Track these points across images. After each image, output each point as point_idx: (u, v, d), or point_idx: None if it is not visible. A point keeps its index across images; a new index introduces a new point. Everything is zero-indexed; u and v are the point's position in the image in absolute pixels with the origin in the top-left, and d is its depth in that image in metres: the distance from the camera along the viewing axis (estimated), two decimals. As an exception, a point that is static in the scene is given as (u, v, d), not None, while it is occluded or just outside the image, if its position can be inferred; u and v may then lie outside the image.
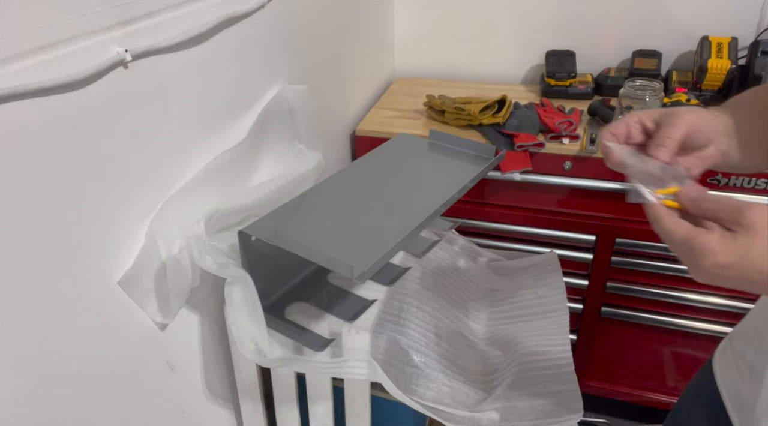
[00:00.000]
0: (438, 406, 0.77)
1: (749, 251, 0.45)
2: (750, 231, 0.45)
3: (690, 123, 0.58)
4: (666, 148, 0.57)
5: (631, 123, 0.60)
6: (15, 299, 0.57)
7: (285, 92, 0.98)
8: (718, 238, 0.46)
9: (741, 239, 0.46)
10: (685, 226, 0.49)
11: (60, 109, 0.58)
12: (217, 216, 0.80)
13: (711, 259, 0.46)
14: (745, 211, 0.46)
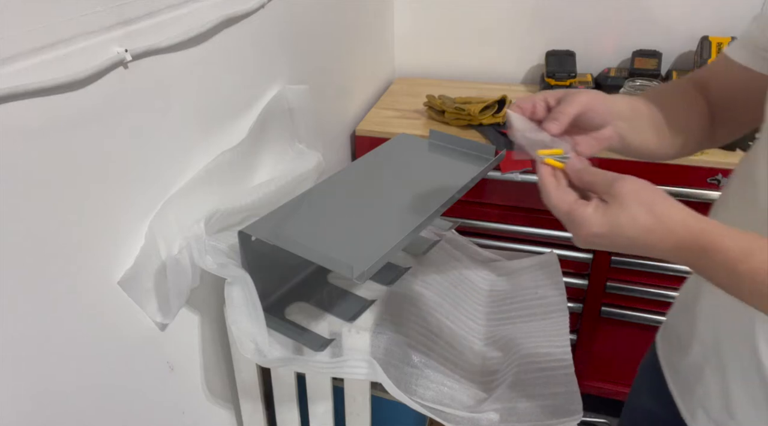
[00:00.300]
0: (438, 406, 0.77)
1: (618, 220, 0.50)
2: (619, 201, 0.50)
3: (585, 102, 0.62)
4: (558, 121, 0.61)
5: (537, 100, 0.64)
6: (15, 299, 0.57)
7: (285, 92, 0.98)
8: (592, 210, 0.52)
9: (611, 210, 0.51)
10: (568, 199, 0.54)
11: (60, 109, 0.58)
12: (217, 216, 0.80)
13: (586, 229, 0.52)
14: (616, 183, 0.51)
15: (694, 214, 0.49)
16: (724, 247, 0.47)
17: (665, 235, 0.49)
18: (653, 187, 0.51)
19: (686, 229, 0.48)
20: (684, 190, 1.29)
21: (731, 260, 0.47)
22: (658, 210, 0.49)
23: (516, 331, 0.92)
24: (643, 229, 0.49)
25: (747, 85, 0.69)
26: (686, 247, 0.48)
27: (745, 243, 0.46)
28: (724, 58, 0.72)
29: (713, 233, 0.47)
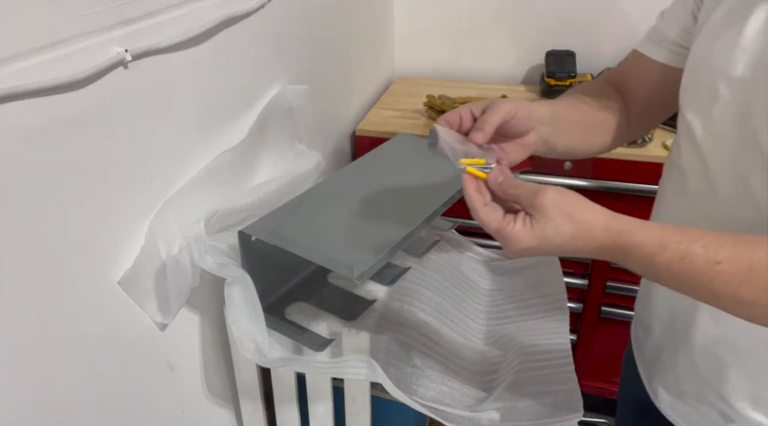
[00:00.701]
0: (438, 406, 0.77)
1: (545, 233, 0.53)
2: (542, 213, 0.53)
3: (507, 110, 0.65)
4: (482, 131, 0.63)
5: (463, 112, 0.66)
6: (15, 299, 0.57)
7: (285, 92, 0.98)
8: (520, 226, 0.54)
9: (538, 224, 0.53)
10: (497, 216, 0.56)
11: (60, 109, 0.58)
12: (217, 216, 0.80)
13: (516, 245, 0.54)
14: (537, 197, 0.53)
15: (612, 215, 0.53)
16: (640, 242, 0.50)
17: (589, 239, 0.52)
18: (572, 195, 0.54)
19: (606, 232, 0.51)
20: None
21: (648, 254, 0.50)
22: (578, 217, 0.52)
23: (516, 331, 0.92)
24: (569, 236, 0.52)
25: (661, 80, 0.72)
26: (608, 247, 0.52)
27: (659, 236, 0.50)
28: (638, 56, 0.75)
29: (630, 232, 0.51)
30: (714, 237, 0.49)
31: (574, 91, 0.80)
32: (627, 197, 1.32)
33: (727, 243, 0.48)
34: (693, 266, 0.48)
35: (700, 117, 0.63)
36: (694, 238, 0.49)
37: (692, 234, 0.49)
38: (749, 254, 0.47)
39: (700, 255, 0.48)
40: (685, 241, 0.49)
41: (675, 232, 0.50)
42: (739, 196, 0.59)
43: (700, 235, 0.49)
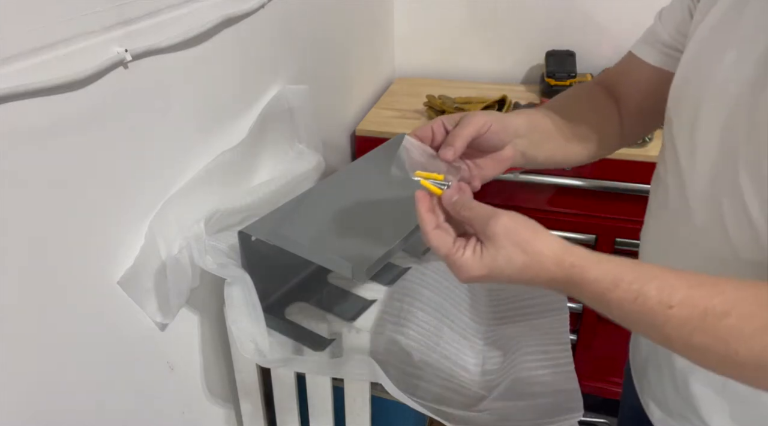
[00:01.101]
0: (438, 406, 0.77)
1: (496, 262, 0.51)
2: (493, 242, 0.51)
3: (480, 124, 0.62)
4: (452, 147, 0.61)
5: (435, 126, 0.63)
6: (14, 299, 0.57)
7: (285, 92, 0.98)
8: (470, 254, 0.52)
9: (488, 253, 0.51)
10: (447, 241, 0.53)
11: (60, 109, 0.58)
12: (217, 216, 0.80)
13: (465, 274, 0.52)
14: (489, 223, 0.51)
15: (566, 247, 0.50)
16: (592, 278, 0.48)
17: (539, 271, 0.50)
18: (526, 223, 0.52)
19: (557, 266, 0.49)
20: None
21: (600, 291, 0.47)
22: (530, 248, 0.50)
23: (516, 331, 0.92)
24: (519, 267, 0.50)
25: (656, 84, 0.69)
26: (560, 281, 0.50)
27: (613, 273, 0.47)
28: (632, 57, 0.72)
29: (583, 267, 0.48)
30: (670, 278, 0.46)
31: (561, 96, 0.78)
32: (627, 197, 1.32)
33: (683, 286, 0.46)
34: (645, 307, 0.46)
35: (683, 132, 0.61)
36: (648, 278, 0.46)
37: (647, 273, 0.47)
38: (704, 300, 0.45)
39: (653, 297, 0.46)
40: (639, 280, 0.46)
41: (630, 269, 0.47)
42: (712, 222, 0.57)
43: (655, 274, 0.47)
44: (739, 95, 0.54)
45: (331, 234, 0.76)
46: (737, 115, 0.54)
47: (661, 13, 0.71)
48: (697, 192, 0.59)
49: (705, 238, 0.58)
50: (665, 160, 0.65)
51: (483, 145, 0.64)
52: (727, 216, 0.55)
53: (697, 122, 0.58)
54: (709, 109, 0.57)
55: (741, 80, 0.53)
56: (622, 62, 0.76)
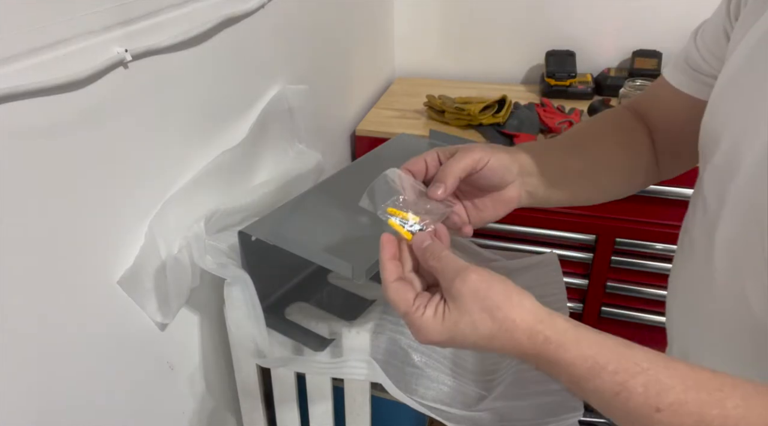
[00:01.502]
0: (438, 406, 0.77)
1: (458, 328, 0.45)
2: (458, 305, 0.45)
3: (475, 160, 0.54)
4: (442, 184, 0.53)
5: (429, 159, 0.55)
6: (15, 299, 0.57)
7: (285, 92, 0.98)
8: (430, 316, 0.46)
9: (450, 316, 0.45)
10: (405, 298, 0.47)
11: (60, 109, 0.58)
12: (217, 216, 0.80)
13: (424, 336, 0.46)
14: (456, 282, 0.45)
15: (540, 317, 0.43)
16: (569, 360, 0.41)
17: (508, 342, 0.44)
18: (498, 285, 0.45)
19: (529, 339, 0.43)
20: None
21: (577, 376, 0.41)
22: (500, 315, 0.43)
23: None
24: (485, 336, 0.44)
25: (690, 113, 0.59)
26: (531, 356, 0.43)
27: (593, 358, 0.40)
28: (664, 83, 0.64)
29: (558, 344, 0.42)
30: (662, 373, 0.39)
31: (585, 124, 0.68)
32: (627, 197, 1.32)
33: (676, 385, 0.38)
34: (628, 406, 0.39)
35: (713, 179, 0.52)
36: (635, 371, 0.39)
37: (635, 364, 0.39)
38: (699, 408, 0.37)
39: (638, 395, 0.38)
40: (624, 372, 0.39)
41: (615, 355, 0.40)
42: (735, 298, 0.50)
43: (644, 366, 0.39)
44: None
45: (330, 234, 0.76)
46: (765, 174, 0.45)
47: (697, 32, 0.62)
48: (721, 257, 0.51)
49: (727, 309, 0.52)
50: (695, 206, 0.57)
51: (481, 183, 0.56)
52: (750, 296, 0.48)
53: (728, 172, 0.49)
54: (740, 162, 0.48)
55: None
56: (653, 87, 0.68)
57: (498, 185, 0.57)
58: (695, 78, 0.60)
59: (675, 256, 0.64)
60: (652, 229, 1.34)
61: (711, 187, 0.53)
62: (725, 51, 0.54)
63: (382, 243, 0.50)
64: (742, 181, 0.48)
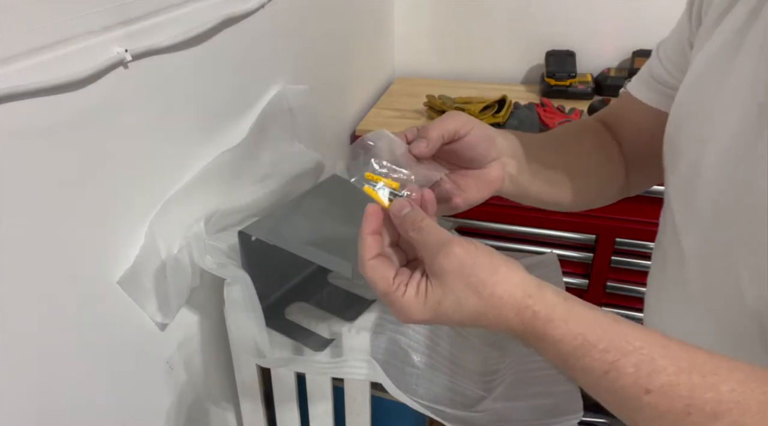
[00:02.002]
0: (438, 406, 0.77)
1: (442, 307, 0.42)
2: (441, 282, 0.42)
3: (461, 122, 0.52)
4: (425, 140, 0.50)
5: (409, 133, 0.53)
6: (14, 299, 0.57)
7: (285, 92, 0.98)
8: (412, 295, 0.43)
9: (433, 295, 0.42)
10: (384, 276, 0.44)
11: (60, 109, 0.58)
12: (217, 216, 0.80)
13: (405, 316, 0.43)
14: (438, 257, 0.42)
15: (528, 291, 0.41)
16: (557, 337, 0.39)
17: (495, 319, 0.41)
18: (484, 258, 0.42)
19: (517, 315, 0.40)
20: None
21: (564, 353, 0.39)
22: (486, 292, 0.41)
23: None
24: (471, 314, 0.41)
25: (656, 127, 0.58)
26: (519, 331, 0.41)
27: (582, 335, 0.38)
28: (629, 97, 0.63)
29: (546, 319, 0.40)
30: (656, 352, 0.37)
31: (561, 129, 0.67)
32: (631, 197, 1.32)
33: (668, 366, 0.36)
34: (616, 385, 0.37)
35: (679, 192, 0.52)
36: (627, 350, 0.37)
37: (627, 343, 0.37)
38: (690, 390, 0.35)
39: (628, 375, 0.37)
40: (615, 350, 0.37)
41: (606, 332, 0.38)
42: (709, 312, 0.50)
43: (636, 345, 0.37)
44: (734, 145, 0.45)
45: (331, 234, 0.76)
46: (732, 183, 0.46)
47: (659, 45, 0.62)
48: (694, 270, 0.51)
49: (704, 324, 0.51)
50: (665, 225, 0.56)
51: (464, 154, 0.53)
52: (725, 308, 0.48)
53: (693, 184, 0.49)
54: (705, 167, 0.48)
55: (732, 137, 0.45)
56: (619, 101, 0.67)
57: (481, 159, 0.54)
58: (660, 91, 0.59)
59: (649, 272, 0.63)
60: (652, 229, 1.33)
61: (677, 200, 0.52)
62: (689, 63, 0.54)
63: (366, 214, 0.45)
64: (705, 192, 0.48)
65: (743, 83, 0.45)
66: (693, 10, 0.55)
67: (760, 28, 0.45)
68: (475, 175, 0.55)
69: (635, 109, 0.62)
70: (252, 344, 0.74)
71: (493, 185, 0.56)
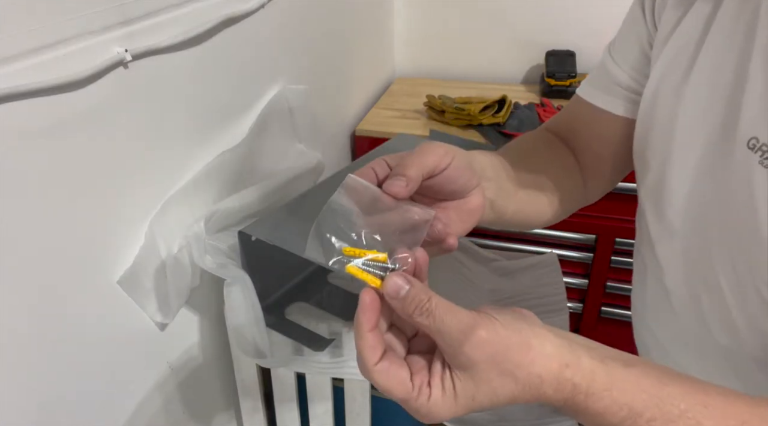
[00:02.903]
0: (438, 406, 0.77)
1: (475, 402, 0.37)
2: (471, 375, 0.37)
3: (440, 154, 0.44)
4: (403, 177, 0.42)
5: (377, 167, 0.44)
6: (15, 299, 0.57)
7: (285, 92, 0.98)
8: (439, 398, 0.37)
9: (464, 391, 0.37)
10: (402, 381, 0.38)
11: (60, 109, 0.58)
12: (217, 216, 0.80)
13: (434, 418, 0.38)
14: (466, 349, 0.36)
15: (563, 358, 0.37)
16: (599, 411, 0.36)
17: (532, 398, 0.38)
18: (514, 337, 0.37)
19: (556, 391, 0.37)
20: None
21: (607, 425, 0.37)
22: (522, 374, 0.37)
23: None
24: (506, 399, 0.38)
25: (614, 131, 0.57)
26: (557, 404, 0.38)
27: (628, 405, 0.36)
28: (589, 107, 0.59)
29: (587, 393, 0.36)
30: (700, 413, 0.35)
31: (514, 143, 0.63)
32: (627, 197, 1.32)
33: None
34: None
35: (650, 200, 0.51)
36: (673, 415, 0.35)
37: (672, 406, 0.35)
38: None
39: None
40: (661, 418, 0.35)
41: (651, 399, 0.36)
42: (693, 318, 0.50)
43: (682, 409, 0.35)
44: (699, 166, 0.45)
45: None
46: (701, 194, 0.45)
47: (611, 48, 0.58)
48: (674, 278, 0.50)
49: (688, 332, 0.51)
50: (641, 230, 0.55)
51: (444, 188, 0.46)
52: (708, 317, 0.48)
53: (664, 193, 0.49)
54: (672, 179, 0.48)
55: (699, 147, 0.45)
56: (574, 109, 0.63)
57: (462, 190, 0.48)
58: (624, 97, 0.56)
59: (633, 278, 0.61)
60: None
61: (649, 209, 0.51)
62: (647, 65, 0.52)
63: (361, 306, 0.38)
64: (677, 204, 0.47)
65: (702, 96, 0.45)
66: (646, 14, 0.53)
67: (711, 44, 0.45)
68: (456, 207, 0.48)
69: (594, 118, 0.59)
70: (252, 344, 0.74)
71: (475, 215, 0.49)
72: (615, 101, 0.57)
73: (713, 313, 0.48)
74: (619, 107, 0.57)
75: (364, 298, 0.38)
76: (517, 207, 0.55)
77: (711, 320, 0.48)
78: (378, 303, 0.39)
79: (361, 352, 0.38)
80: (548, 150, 0.62)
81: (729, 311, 0.46)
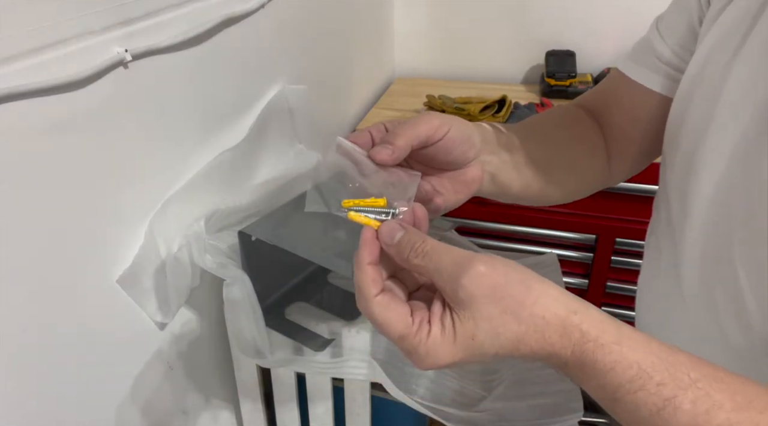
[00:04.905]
0: (438, 406, 0.77)
1: (476, 341, 0.35)
2: (471, 311, 0.35)
3: (434, 125, 0.44)
4: (390, 146, 0.42)
5: (374, 130, 0.45)
6: (14, 298, 0.57)
7: (285, 92, 0.98)
8: (438, 336, 0.36)
9: (464, 330, 0.35)
10: (401, 319, 0.37)
11: (60, 109, 0.58)
12: (217, 215, 0.80)
13: (432, 361, 0.37)
14: (463, 283, 0.35)
15: (570, 304, 0.35)
16: (607, 365, 0.33)
17: (537, 343, 0.35)
18: (514, 274, 0.37)
19: (562, 337, 0.35)
20: None
21: (614, 385, 0.34)
22: (525, 313, 0.35)
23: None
24: (510, 342, 0.35)
25: (660, 115, 0.54)
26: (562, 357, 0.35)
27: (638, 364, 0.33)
28: (626, 81, 0.57)
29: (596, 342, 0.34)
30: (713, 387, 0.32)
31: (538, 117, 0.62)
32: (627, 197, 1.32)
33: (726, 402, 0.32)
34: (670, 423, 0.32)
35: (677, 185, 0.49)
36: (685, 383, 0.32)
37: (684, 374, 0.33)
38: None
39: (685, 412, 0.32)
40: (672, 383, 0.32)
41: (661, 363, 0.33)
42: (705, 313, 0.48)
43: (693, 378, 0.33)
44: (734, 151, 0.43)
45: (330, 234, 0.76)
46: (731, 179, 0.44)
47: (659, 22, 0.56)
48: (689, 269, 0.48)
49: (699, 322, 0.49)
50: (659, 213, 0.53)
51: (439, 158, 0.47)
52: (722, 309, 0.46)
53: (692, 176, 0.47)
54: (704, 162, 0.45)
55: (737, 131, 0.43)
56: (610, 84, 0.61)
57: (458, 161, 0.48)
58: (665, 73, 0.54)
59: (643, 263, 0.59)
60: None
61: (674, 191, 0.50)
62: (695, 41, 0.50)
63: (363, 241, 0.39)
64: (704, 189, 0.45)
65: (747, 78, 0.43)
66: None
67: (765, 24, 0.43)
68: (451, 177, 0.49)
69: (628, 92, 0.57)
70: (252, 344, 0.74)
71: (471, 186, 0.49)
72: (653, 76, 0.55)
73: (727, 306, 0.46)
74: (657, 83, 0.54)
75: (366, 234, 0.38)
76: (524, 182, 0.54)
77: (723, 313, 0.46)
78: (376, 242, 0.39)
79: (361, 284, 0.38)
80: (573, 126, 0.60)
81: (744, 306, 0.44)
